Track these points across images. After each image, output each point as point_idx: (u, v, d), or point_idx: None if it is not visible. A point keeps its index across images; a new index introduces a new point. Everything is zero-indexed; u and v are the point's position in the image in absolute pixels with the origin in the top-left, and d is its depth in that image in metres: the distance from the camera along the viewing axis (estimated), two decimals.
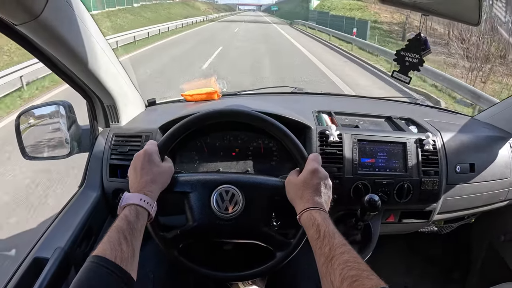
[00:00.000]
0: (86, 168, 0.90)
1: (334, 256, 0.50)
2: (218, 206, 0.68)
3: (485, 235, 1.32)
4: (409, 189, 0.90)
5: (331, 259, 0.50)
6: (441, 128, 1.02)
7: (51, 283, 0.65)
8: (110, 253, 0.49)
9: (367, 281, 0.45)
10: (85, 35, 0.71)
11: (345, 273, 0.47)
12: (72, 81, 0.83)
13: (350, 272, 0.47)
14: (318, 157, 0.68)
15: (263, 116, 0.70)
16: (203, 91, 1.13)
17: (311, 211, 0.59)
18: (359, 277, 0.46)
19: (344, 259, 0.49)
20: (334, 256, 0.50)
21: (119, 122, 0.95)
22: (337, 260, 0.50)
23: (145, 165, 0.64)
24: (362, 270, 0.47)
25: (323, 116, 1.02)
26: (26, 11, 0.56)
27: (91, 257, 0.49)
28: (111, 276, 0.47)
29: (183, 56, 9.27)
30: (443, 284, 1.44)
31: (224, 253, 1.01)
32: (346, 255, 0.50)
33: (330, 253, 0.51)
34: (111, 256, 0.49)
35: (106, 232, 0.54)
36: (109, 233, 0.53)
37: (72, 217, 0.80)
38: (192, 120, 0.69)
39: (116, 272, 0.48)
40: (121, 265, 0.49)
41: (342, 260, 0.49)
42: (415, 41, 0.82)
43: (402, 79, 0.84)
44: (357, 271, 0.47)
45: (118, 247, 0.50)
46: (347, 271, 0.47)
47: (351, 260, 0.49)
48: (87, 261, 0.49)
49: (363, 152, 0.91)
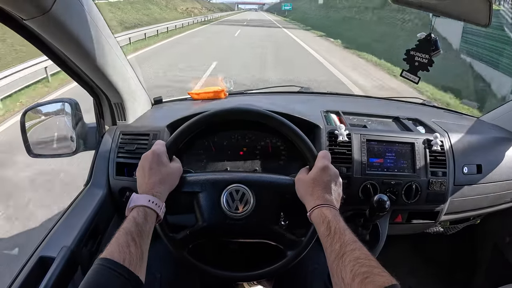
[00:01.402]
0: (92, 166, 0.89)
1: (345, 252, 0.50)
2: (228, 205, 0.67)
3: (490, 236, 1.32)
4: (417, 190, 0.90)
5: (342, 256, 0.50)
6: (449, 129, 1.02)
7: (57, 283, 0.64)
8: (118, 255, 0.48)
9: (379, 278, 0.44)
10: (94, 32, 0.70)
11: (356, 269, 0.46)
12: (79, 78, 0.82)
13: (361, 268, 0.46)
14: (327, 154, 0.67)
15: (272, 114, 0.70)
16: (210, 89, 1.12)
17: (321, 208, 0.59)
18: (371, 273, 0.45)
19: (355, 255, 0.49)
20: (345, 252, 0.50)
21: (126, 120, 0.94)
22: (348, 257, 0.49)
23: (153, 165, 0.63)
24: (373, 266, 0.46)
25: (331, 116, 1.02)
26: (35, 6, 0.55)
27: (99, 260, 0.48)
28: (119, 279, 0.46)
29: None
30: (447, 285, 1.44)
31: (230, 252, 1.00)
32: (357, 252, 0.50)
33: (341, 249, 0.51)
34: (119, 258, 0.48)
35: (113, 231, 0.53)
36: (117, 235, 0.52)
37: (78, 215, 0.79)
38: (201, 118, 0.69)
39: (124, 275, 0.47)
40: (129, 267, 0.48)
41: (353, 256, 0.49)
42: (425, 41, 0.82)
43: (411, 78, 0.83)
44: (368, 267, 0.46)
45: (126, 249, 0.50)
46: (358, 267, 0.47)
47: (362, 257, 0.48)
48: (95, 263, 0.48)
49: (372, 152, 0.90)
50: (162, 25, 14.85)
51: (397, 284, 0.43)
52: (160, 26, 14.34)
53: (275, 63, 8.30)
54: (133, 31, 11.33)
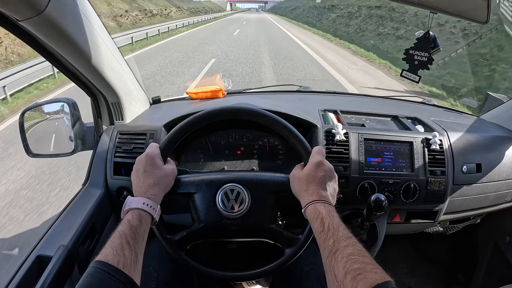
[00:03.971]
0: (90, 165, 0.90)
1: (338, 249, 0.50)
2: (223, 205, 0.67)
3: (490, 235, 1.31)
4: (415, 189, 0.89)
5: (335, 252, 0.49)
6: (448, 128, 1.01)
7: (54, 281, 0.65)
8: (112, 258, 0.49)
9: (371, 274, 0.44)
10: (90, 32, 0.70)
11: (349, 266, 0.46)
12: (76, 78, 0.82)
13: (353, 265, 0.46)
14: (322, 150, 0.67)
15: (264, 112, 0.69)
16: (208, 89, 1.12)
17: (315, 204, 0.58)
18: (363, 270, 0.44)
19: (348, 252, 0.48)
20: (338, 249, 0.50)
21: (123, 119, 0.94)
22: (340, 253, 0.49)
23: (147, 168, 0.64)
24: (367, 263, 0.46)
25: (329, 115, 1.01)
26: (29, 7, 0.55)
27: (94, 262, 0.48)
28: (114, 282, 0.47)
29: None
30: (447, 285, 1.43)
31: (228, 252, 1.00)
32: (350, 248, 0.49)
33: (334, 246, 0.50)
34: (113, 261, 0.48)
35: (110, 231, 0.53)
36: (111, 238, 0.52)
37: (76, 215, 0.79)
38: (193, 119, 0.68)
39: (119, 278, 0.47)
40: (123, 270, 0.48)
41: (346, 253, 0.48)
42: (424, 39, 0.81)
43: (412, 78, 0.83)
44: (361, 264, 0.46)
45: (120, 252, 0.50)
46: (351, 264, 0.46)
47: (355, 253, 0.48)
48: (90, 266, 0.48)
49: (370, 151, 0.90)
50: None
51: (391, 281, 0.42)
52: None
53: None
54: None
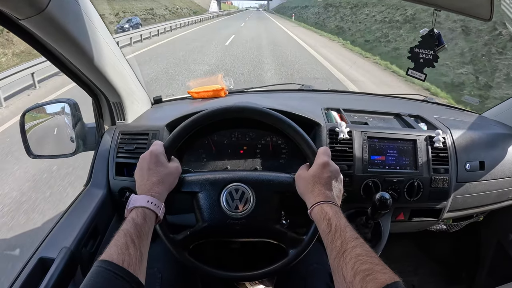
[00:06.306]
0: (92, 166, 0.89)
1: (346, 250, 0.49)
2: (228, 205, 0.67)
3: (493, 233, 1.31)
4: (419, 187, 0.89)
5: (343, 253, 0.49)
6: (451, 126, 1.01)
7: (57, 284, 0.64)
8: (117, 257, 0.48)
9: (380, 275, 0.43)
10: (91, 31, 0.70)
11: (358, 267, 0.45)
12: (77, 78, 0.81)
13: (362, 266, 0.45)
14: (327, 151, 0.66)
15: (269, 111, 0.69)
16: (210, 88, 1.11)
17: (322, 205, 0.58)
18: (372, 271, 0.44)
19: (356, 252, 0.48)
20: (346, 250, 0.49)
21: (125, 119, 0.94)
22: (349, 254, 0.48)
23: (151, 166, 0.63)
24: (375, 264, 0.45)
25: (332, 113, 1.01)
26: (30, 5, 0.55)
27: (98, 262, 0.48)
28: (119, 281, 0.46)
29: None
30: (450, 283, 1.43)
31: (232, 252, 1.00)
32: (358, 249, 0.49)
33: (342, 247, 0.50)
34: (118, 260, 0.47)
35: (112, 232, 0.52)
36: (116, 237, 0.51)
37: (78, 216, 0.79)
38: (198, 118, 0.68)
39: (124, 277, 0.46)
40: (128, 269, 0.47)
41: (354, 254, 0.48)
42: (429, 37, 0.81)
43: (417, 76, 0.83)
44: (370, 265, 0.45)
45: (125, 251, 0.49)
46: (360, 265, 0.46)
47: (363, 254, 0.47)
48: (94, 265, 0.47)
49: (373, 150, 0.89)
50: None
51: (399, 281, 0.42)
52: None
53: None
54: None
